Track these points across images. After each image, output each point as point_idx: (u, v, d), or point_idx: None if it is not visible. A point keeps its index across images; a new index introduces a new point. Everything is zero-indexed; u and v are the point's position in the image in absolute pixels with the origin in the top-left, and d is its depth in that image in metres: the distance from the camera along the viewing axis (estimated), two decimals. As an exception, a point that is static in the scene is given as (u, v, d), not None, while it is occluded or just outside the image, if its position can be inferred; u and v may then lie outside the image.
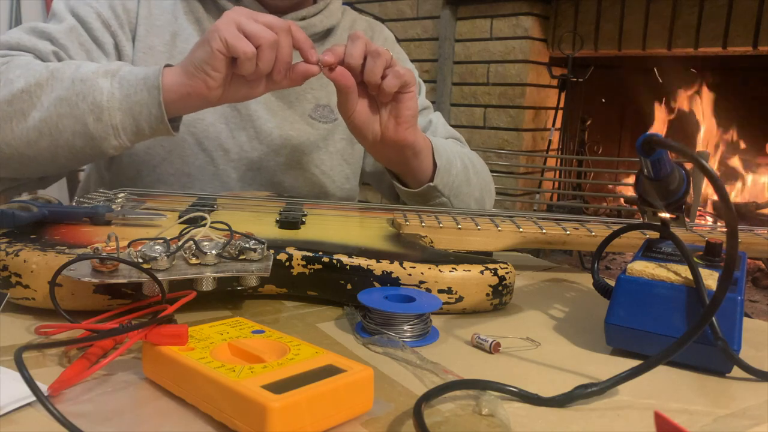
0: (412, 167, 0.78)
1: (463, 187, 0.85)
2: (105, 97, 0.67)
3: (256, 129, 0.88)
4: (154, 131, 0.69)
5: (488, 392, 0.40)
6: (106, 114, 0.67)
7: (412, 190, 0.80)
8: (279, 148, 0.89)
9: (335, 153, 0.93)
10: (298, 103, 0.91)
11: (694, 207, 1.73)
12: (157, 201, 0.71)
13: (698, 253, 0.51)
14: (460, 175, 0.84)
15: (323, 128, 0.92)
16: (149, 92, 0.66)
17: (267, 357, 0.38)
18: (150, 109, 0.67)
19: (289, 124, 0.89)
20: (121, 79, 0.67)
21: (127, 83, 0.67)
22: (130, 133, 0.68)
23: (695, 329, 0.41)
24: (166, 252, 0.47)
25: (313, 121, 0.91)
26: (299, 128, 0.90)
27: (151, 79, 0.67)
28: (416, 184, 0.80)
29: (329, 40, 0.93)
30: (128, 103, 0.67)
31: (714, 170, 0.40)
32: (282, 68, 0.66)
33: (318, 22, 0.90)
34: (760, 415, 0.40)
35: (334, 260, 0.55)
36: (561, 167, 2.74)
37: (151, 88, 0.66)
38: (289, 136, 0.89)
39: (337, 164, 0.94)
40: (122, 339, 0.43)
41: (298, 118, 0.90)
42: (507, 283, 0.56)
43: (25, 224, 0.56)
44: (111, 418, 0.36)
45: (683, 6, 2.40)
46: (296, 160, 0.90)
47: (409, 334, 0.49)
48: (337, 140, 0.94)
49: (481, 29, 2.81)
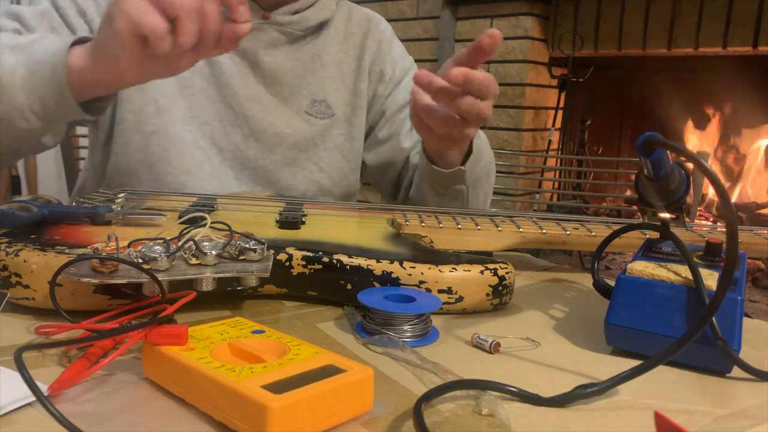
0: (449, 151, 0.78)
1: (483, 179, 0.85)
2: (6, 74, 0.60)
3: (251, 127, 0.87)
4: (67, 116, 0.62)
5: (488, 392, 0.40)
6: (7, 94, 0.60)
7: (442, 170, 0.80)
8: (274, 145, 0.88)
9: (333, 149, 0.93)
10: (294, 98, 0.90)
11: (694, 207, 1.73)
12: (157, 201, 0.71)
13: (698, 253, 0.51)
14: (485, 167, 0.85)
15: (320, 124, 0.91)
16: (53, 73, 0.59)
17: (267, 357, 0.38)
18: (57, 92, 0.60)
19: (284, 121, 0.89)
20: (30, 55, 0.60)
21: (33, 61, 0.60)
22: (40, 116, 0.62)
23: (695, 329, 0.41)
24: (166, 252, 0.47)
25: (309, 117, 0.91)
26: (295, 125, 0.89)
27: (58, 55, 0.59)
28: (446, 167, 0.80)
29: (323, 33, 0.92)
30: (32, 83, 0.60)
31: (714, 170, 0.40)
32: (211, 37, 0.56)
33: (311, 16, 0.89)
34: (760, 414, 0.40)
35: (334, 260, 0.55)
36: (561, 167, 2.74)
37: (57, 65, 0.59)
38: (284, 133, 0.89)
39: (335, 160, 0.93)
40: (122, 339, 0.43)
41: (293, 114, 0.90)
42: (507, 283, 0.56)
43: (25, 224, 0.56)
44: (111, 418, 0.36)
45: (683, 6, 2.40)
46: (292, 157, 0.90)
47: (409, 334, 0.49)
48: (335, 136, 0.93)
49: (481, 29, 2.81)
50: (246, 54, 0.86)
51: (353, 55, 0.95)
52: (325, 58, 0.92)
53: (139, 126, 0.83)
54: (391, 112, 0.96)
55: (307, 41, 0.91)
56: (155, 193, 0.77)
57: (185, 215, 0.60)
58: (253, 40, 0.86)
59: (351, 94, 0.94)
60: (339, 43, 0.94)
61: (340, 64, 0.93)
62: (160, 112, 0.83)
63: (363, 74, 0.95)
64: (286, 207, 0.71)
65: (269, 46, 0.87)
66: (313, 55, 0.91)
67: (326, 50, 0.92)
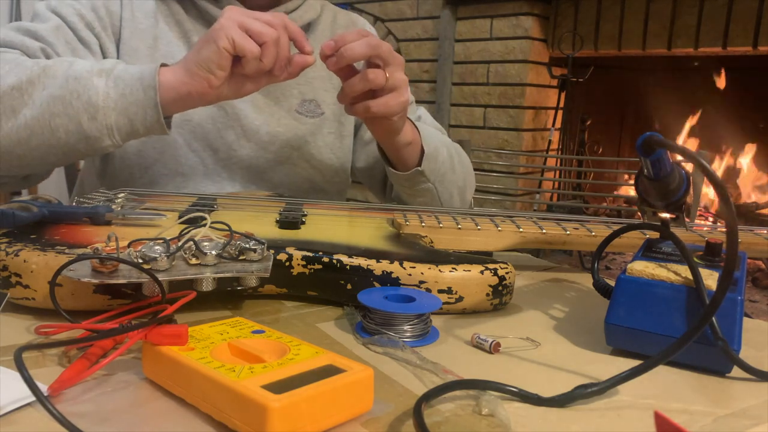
0: (402, 154, 0.81)
1: (448, 174, 0.87)
2: (101, 96, 0.66)
3: (243, 127, 0.88)
4: (149, 131, 0.69)
5: (488, 392, 0.40)
6: (101, 113, 0.66)
7: (400, 173, 0.83)
8: (267, 144, 0.90)
9: (324, 147, 0.94)
10: (284, 98, 0.91)
11: (694, 207, 1.73)
12: (157, 201, 0.71)
13: (698, 253, 0.51)
14: (446, 162, 0.86)
15: (310, 123, 0.93)
16: (145, 92, 0.66)
17: (267, 357, 0.38)
18: (146, 110, 0.67)
19: (276, 121, 0.90)
20: (116, 78, 0.67)
21: (122, 82, 0.67)
22: (124, 134, 0.68)
23: (695, 329, 0.41)
24: (166, 252, 0.47)
25: (300, 116, 0.92)
26: (286, 124, 0.91)
27: (147, 78, 0.67)
28: (405, 169, 0.83)
29: (311, 35, 0.93)
30: (124, 103, 0.67)
31: (714, 170, 0.40)
32: (282, 63, 0.67)
33: (297, 18, 0.90)
34: (760, 415, 0.40)
35: (334, 260, 0.55)
36: (561, 167, 2.74)
37: (147, 88, 0.66)
38: (276, 132, 0.90)
39: (326, 158, 0.95)
40: (122, 339, 0.43)
41: (284, 113, 0.91)
42: (507, 283, 0.56)
43: (25, 224, 0.56)
44: (111, 418, 0.36)
45: (683, 6, 2.40)
46: (285, 155, 0.91)
47: (409, 334, 0.49)
48: (325, 134, 0.95)
49: (481, 29, 2.81)
50: None
51: None
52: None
53: None
54: None
55: None
56: (155, 193, 0.77)
57: (185, 215, 0.60)
58: None
59: None
60: None
61: None
62: None
63: None
64: (286, 207, 0.71)
65: None
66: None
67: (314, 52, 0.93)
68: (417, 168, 0.81)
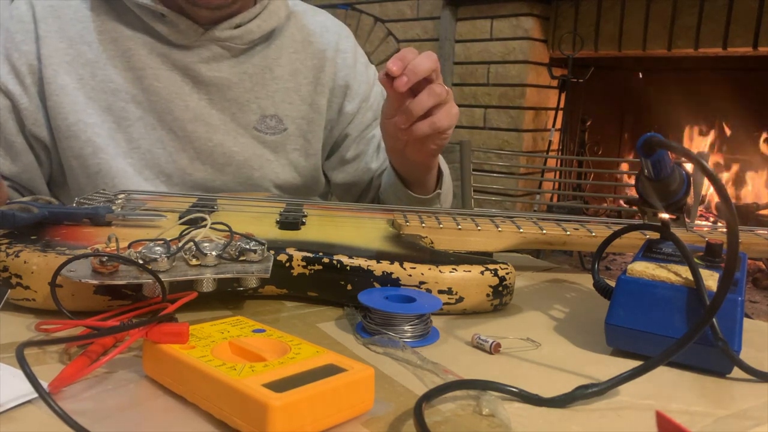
0: (428, 177, 0.81)
1: (449, 191, 0.88)
2: None
3: (196, 149, 0.83)
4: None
5: (489, 392, 0.40)
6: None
7: (421, 197, 0.82)
8: (222, 166, 0.85)
9: (287, 165, 0.89)
10: (242, 114, 0.85)
11: (695, 207, 1.73)
12: (158, 202, 0.71)
13: (698, 254, 0.51)
14: (448, 178, 0.87)
15: (270, 140, 0.87)
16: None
17: (268, 356, 0.38)
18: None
19: (231, 140, 0.85)
20: None
21: None
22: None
23: (696, 330, 0.41)
24: (166, 253, 0.47)
25: (258, 134, 0.86)
26: (243, 143, 0.85)
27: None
28: (423, 192, 0.82)
29: (274, 43, 0.88)
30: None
31: (714, 171, 0.40)
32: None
33: (255, 28, 0.84)
34: (760, 415, 0.40)
35: (334, 261, 0.55)
36: (561, 168, 2.75)
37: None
38: (231, 152, 0.85)
39: (290, 177, 0.90)
40: (123, 337, 0.43)
41: (242, 131, 0.85)
42: (507, 283, 0.56)
43: (26, 225, 0.56)
44: (111, 416, 0.36)
45: (683, 6, 2.40)
46: (245, 176, 0.86)
47: (409, 334, 0.49)
48: (289, 151, 0.89)
49: (481, 30, 2.81)
50: (186, 71, 0.83)
51: (311, 66, 0.90)
52: (276, 70, 0.87)
53: (84, 169, 0.82)
54: (359, 131, 0.93)
55: (255, 52, 0.86)
56: (155, 194, 0.77)
57: (185, 216, 0.61)
58: (191, 56, 0.83)
59: (308, 108, 0.90)
60: (294, 52, 0.89)
61: (295, 75, 0.89)
62: (97, 152, 0.81)
63: (323, 87, 0.90)
64: (286, 208, 0.71)
65: (211, 60, 0.83)
66: (263, 68, 0.87)
67: (278, 61, 0.88)
68: (438, 191, 0.80)
